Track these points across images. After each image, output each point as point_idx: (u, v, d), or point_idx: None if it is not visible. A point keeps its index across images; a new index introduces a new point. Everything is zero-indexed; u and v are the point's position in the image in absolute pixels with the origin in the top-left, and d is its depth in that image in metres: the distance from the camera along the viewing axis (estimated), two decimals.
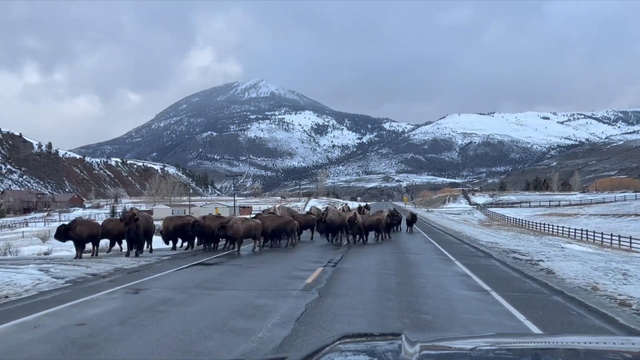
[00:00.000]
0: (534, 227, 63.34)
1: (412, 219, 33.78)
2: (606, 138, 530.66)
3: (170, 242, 19.48)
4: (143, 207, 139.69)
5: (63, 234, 16.93)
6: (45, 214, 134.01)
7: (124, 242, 18.43)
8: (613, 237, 43.73)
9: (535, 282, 11.81)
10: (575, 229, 52.15)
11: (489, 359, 1.91)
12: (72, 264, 14.50)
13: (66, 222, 18.20)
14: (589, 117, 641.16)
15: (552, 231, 56.55)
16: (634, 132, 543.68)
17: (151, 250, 18.44)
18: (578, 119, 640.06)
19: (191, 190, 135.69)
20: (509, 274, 13.03)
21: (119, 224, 17.58)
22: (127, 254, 17.00)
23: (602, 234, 46.26)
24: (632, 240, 40.19)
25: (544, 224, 61.65)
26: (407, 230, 32.86)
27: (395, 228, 29.55)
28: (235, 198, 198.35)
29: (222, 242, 19.58)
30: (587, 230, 50.22)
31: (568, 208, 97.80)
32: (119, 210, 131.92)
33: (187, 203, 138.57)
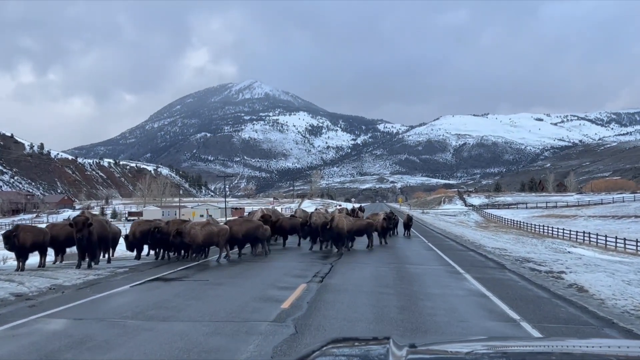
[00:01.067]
0: (533, 229, 61.29)
1: (409, 222, 31.28)
2: (599, 139, 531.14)
3: (136, 251, 16.88)
4: (133, 209, 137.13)
5: (8, 241, 14.39)
6: (34, 215, 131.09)
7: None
8: (618, 240, 41.60)
9: (570, 304, 9.39)
10: (577, 232, 50.13)
11: None
12: (4, 279, 11.98)
13: (10, 228, 15.58)
14: (583, 118, 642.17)
15: (552, 234, 54.64)
16: (627, 133, 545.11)
17: (109, 261, 15.81)
18: (571, 120, 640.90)
19: (181, 192, 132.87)
20: (534, 293, 10.58)
21: (67, 229, 14.94)
22: (78, 265, 14.39)
23: (605, 236, 44.29)
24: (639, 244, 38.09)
25: (543, 226, 59.62)
26: (404, 234, 30.44)
27: (391, 232, 27.04)
28: (229, 199, 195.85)
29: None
30: (589, 233, 48.17)
31: (566, 209, 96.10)
32: (109, 211, 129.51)
33: (183, 204, 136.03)
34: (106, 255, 15.90)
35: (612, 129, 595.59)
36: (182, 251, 16.54)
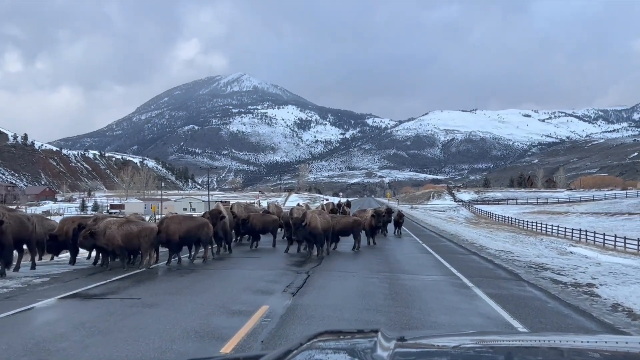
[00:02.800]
0: (526, 226, 59.11)
1: (400, 220, 28.15)
2: (587, 136, 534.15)
3: (70, 253, 13.83)
4: (116, 201, 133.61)
5: None
6: (15, 207, 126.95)
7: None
8: (618, 239, 39.45)
9: None
10: (572, 229, 47.93)
11: (467, 357, 1.83)
12: None
13: None
14: (570, 115, 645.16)
15: (547, 231, 52.49)
16: (614, 130, 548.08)
17: (33, 266, 12.76)
18: (559, 116, 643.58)
19: (163, 184, 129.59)
20: (578, 323, 7.69)
21: None
22: None
23: (604, 235, 42.31)
24: None
25: (536, 223, 57.50)
26: (394, 232, 27.40)
27: (380, 231, 24.12)
28: (215, 192, 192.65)
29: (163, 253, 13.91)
30: (586, 231, 46.07)
31: (557, 206, 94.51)
32: (90, 204, 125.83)
33: (166, 197, 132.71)
34: (32, 259, 12.85)
35: (600, 125, 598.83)
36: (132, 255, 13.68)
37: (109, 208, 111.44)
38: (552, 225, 53.24)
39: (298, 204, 29.27)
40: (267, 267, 13.18)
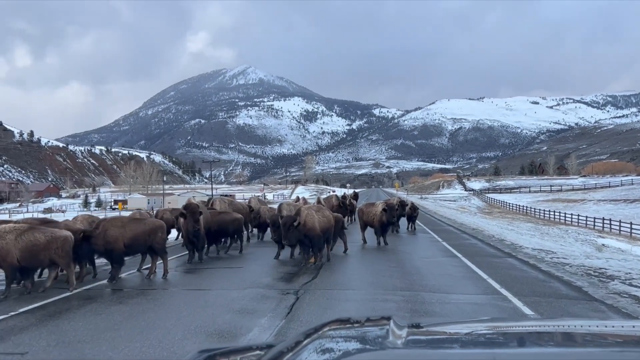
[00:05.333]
0: (543, 215, 55.75)
1: (414, 213, 24.37)
2: (596, 122, 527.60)
3: None
4: (120, 197, 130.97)
5: None
6: (18, 204, 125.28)
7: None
8: None
9: None
10: (595, 218, 44.66)
11: (480, 343, 1.82)
12: None
13: None
14: (578, 101, 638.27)
15: (566, 220, 49.30)
16: (623, 115, 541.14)
17: None
18: (567, 103, 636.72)
19: (165, 178, 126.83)
20: None
21: None
22: None
23: (630, 224, 39.24)
24: None
25: (554, 212, 54.09)
26: (407, 228, 23.74)
27: (392, 228, 20.69)
28: (222, 186, 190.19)
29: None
30: (610, 220, 42.73)
31: (572, 193, 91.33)
32: (93, 200, 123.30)
33: (169, 191, 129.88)
34: None
35: (608, 111, 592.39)
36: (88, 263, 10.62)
37: (112, 204, 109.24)
38: (571, 214, 50.08)
39: (297, 197, 26.04)
40: (245, 284, 9.81)
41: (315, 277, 10.74)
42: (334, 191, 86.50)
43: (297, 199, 23.46)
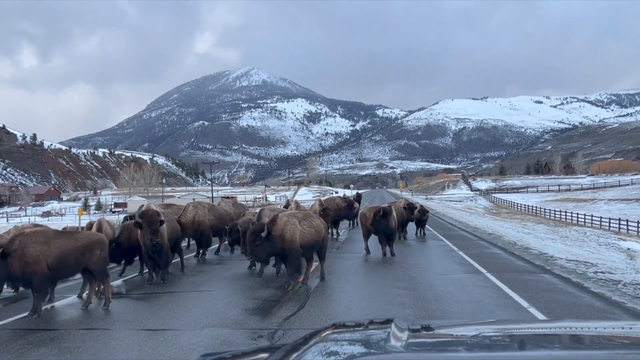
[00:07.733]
0: (553, 215, 53.34)
1: (423, 217, 21.71)
2: (600, 121, 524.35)
3: None
4: (121, 199, 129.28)
5: None
6: (18, 207, 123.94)
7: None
8: None
9: None
10: (610, 219, 42.33)
11: (484, 346, 1.79)
12: None
13: None
14: (582, 100, 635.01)
15: (578, 221, 46.86)
16: (627, 114, 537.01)
17: None
18: (571, 102, 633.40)
19: (164, 180, 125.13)
20: None
21: None
22: None
23: None
24: None
25: (565, 213, 51.62)
26: (416, 234, 21.48)
27: (400, 235, 18.45)
28: (224, 188, 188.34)
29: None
30: (627, 221, 40.32)
31: (581, 192, 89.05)
32: (93, 203, 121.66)
33: (170, 193, 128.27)
34: None
35: (613, 110, 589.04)
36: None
37: (112, 207, 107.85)
38: (584, 215, 47.73)
39: (287, 200, 23.96)
40: (206, 321, 7.58)
41: (302, 308, 8.30)
42: (336, 192, 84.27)
43: (288, 202, 21.04)
